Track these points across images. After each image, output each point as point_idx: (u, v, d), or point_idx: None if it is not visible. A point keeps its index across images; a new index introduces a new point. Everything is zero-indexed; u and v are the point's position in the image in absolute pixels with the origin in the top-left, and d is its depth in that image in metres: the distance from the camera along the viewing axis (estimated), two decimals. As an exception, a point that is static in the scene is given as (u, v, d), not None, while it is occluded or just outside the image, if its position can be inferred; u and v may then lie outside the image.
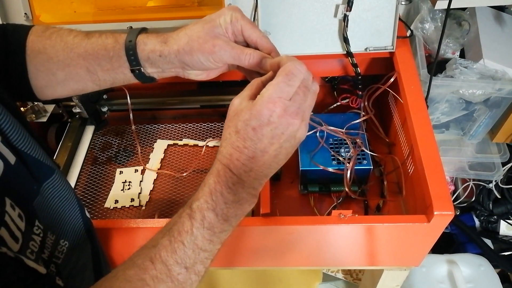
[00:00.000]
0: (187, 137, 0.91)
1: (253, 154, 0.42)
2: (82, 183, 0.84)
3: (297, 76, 0.42)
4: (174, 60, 0.51)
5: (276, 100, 0.41)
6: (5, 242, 0.35)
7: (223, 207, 0.42)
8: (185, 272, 0.41)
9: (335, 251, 0.75)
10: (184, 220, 0.41)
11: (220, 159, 0.43)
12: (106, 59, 0.52)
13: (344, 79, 0.94)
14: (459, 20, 0.88)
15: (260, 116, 0.41)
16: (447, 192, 0.61)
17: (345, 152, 0.78)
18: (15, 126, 0.42)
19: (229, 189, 0.42)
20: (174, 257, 0.40)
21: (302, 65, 0.43)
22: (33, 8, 0.83)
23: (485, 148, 0.99)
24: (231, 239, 0.67)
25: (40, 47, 0.52)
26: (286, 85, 0.42)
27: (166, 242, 0.41)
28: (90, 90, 0.56)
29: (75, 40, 0.53)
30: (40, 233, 0.42)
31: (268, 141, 0.42)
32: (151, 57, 0.51)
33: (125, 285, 0.38)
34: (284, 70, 0.43)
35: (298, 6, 0.74)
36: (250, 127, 0.41)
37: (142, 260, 0.40)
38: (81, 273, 0.51)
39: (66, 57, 0.52)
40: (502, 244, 1.17)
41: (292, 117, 0.42)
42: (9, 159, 0.40)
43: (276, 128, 0.41)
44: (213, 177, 0.43)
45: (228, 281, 1.34)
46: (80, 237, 0.51)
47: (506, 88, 0.80)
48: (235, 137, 0.42)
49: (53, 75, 0.53)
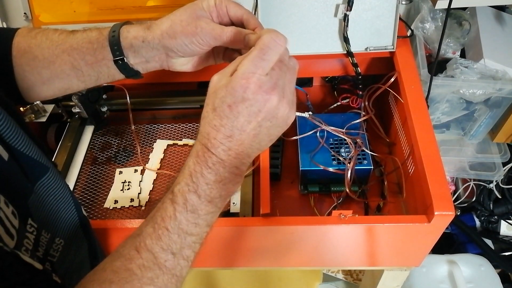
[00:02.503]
0: (187, 137, 0.90)
1: (230, 133, 0.40)
2: (82, 183, 0.84)
3: (273, 49, 0.40)
4: (158, 45, 0.50)
5: (249, 76, 0.39)
6: (1, 238, 0.35)
7: (205, 188, 0.41)
8: (173, 258, 0.40)
9: (335, 252, 0.75)
10: (167, 206, 0.40)
11: (199, 139, 0.41)
12: (90, 52, 0.51)
13: (344, 79, 0.94)
14: (459, 20, 0.88)
15: (234, 92, 0.39)
16: (447, 192, 0.61)
17: (346, 152, 0.78)
18: (9, 124, 0.42)
19: (209, 169, 0.40)
20: (160, 244, 0.39)
21: (280, 37, 0.41)
22: (33, 8, 0.83)
23: (486, 148, 0.99)
24: (231, 239, 0.67)
25: (26, 47, 0.52)
26: (260, 59, 0.39)
27: (150, 230, 0.40)
28: (75, 88, 0.55)
29: (60, 37, 0.52)
30: (34, 231, 0.42)
31: (245, 119, 0.40)
32: (134, 44, 0.50)
33: (113, 277, 0.37)
34: (259, 44, 0.40)
35: (298, 6, 0.73)
36: (226, 104, 0.39)
37: (128, 250, 0.39)
38: (77, 271, 0.50)
39: (51, 54, 0.51)
40: (502, 244, 1.17)
41: (267, 92, 0.39)
42: (3, 156, 0.40)
43: (251, 105, 0.39)
44: (192, 158, 0.41)
45: (228, 281, 1.34)
46: (76, 235, 0.51)
47: (507, 88, 0.80)
48: (212, 115, 0.40)
49: (39, 74, 0.52)
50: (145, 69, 0.54)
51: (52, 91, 0.55)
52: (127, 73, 0.53)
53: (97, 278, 0.38)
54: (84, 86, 0.54)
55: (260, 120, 0.40)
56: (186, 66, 0.54)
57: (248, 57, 0.40)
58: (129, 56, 0.51)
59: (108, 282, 0.37)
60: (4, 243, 0.35)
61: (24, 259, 0.35)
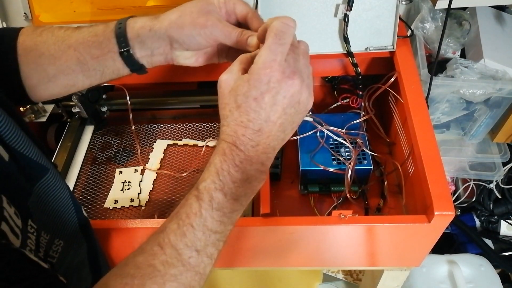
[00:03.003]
0: (187, 137, 0.90)
1: (259, 127, 0.40)
2: (82, 183, 0.84)
3: (286, 32, 0.40)
4: (164, 35, 0.50)
5: (272, 64, 0.39)
6: (7, 237, 0.35)
7: (232, 186, 0.41)
8: (197, 255, 0.39)
9: (335, 252, 0.75)
10: (192, 202, 0.40)
11: (224, 138, 0.41)
12: (96, 45, 0.51)
13: (344, 79, 0.94)
14: (459, 20, 0.88)
15: (260, 84, 0.39)
16: (447, 192, 0.61)
17: (346, 152, 0.78)
18: (9, 125, 0.42)
19: (236, 167, 0.40)
20: (184, 241, 0.39)
21: (289, 20, 0.41)
22: (33, 8, 0.83)
23: (486, 148, 0.99)
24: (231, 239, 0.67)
25: (32, 44, 0.52)
26: (278, 45, 0.40)
27: (174, 226, 0.39)
28: (80, 85, 0.55)
29: (66, 33, 0.52)
30: (34, 232, 0.42)
31: (271, 108, 0.40)
32: (141, 34, 0.50)
33: (135, 272, 0.37)
34: (272, 30, 0.40)
35: (298, 6, 0.73)
36: (251, 98, 0.40)
37: (151, 246, 0.39)
38: (76, 272, 0.50)
39: (57, 50, 0.51)
40: (502, 244, 1.17)
41: (290, 77, 0.40)
42: (3, 157, 0.40)
43: (277, 93, 0.40)
44: (218, 156, 0.41)
45: (228, 281, 1.34)
46: (75, 236, 0.51)
47: (507, 88, 0.80)
48: (236, 112, 0.40)
49: (44, 71, 0.52)
50: (150, 63, 0.53)
51: (58, 89, 0.55)
52: (132, 66, 0.53)
53: (120, 273, 0.38)
54: (89, 82, 0.54)
55: (285, 107, 0.41)
56: (190, 60, 0.54)
57: (265, 46, 0.40)
58: (135, 47, 0.51)
59: (130, 277, 0.37)
60: (10, 242, 0.35)
61: (30, 257, 0.35)
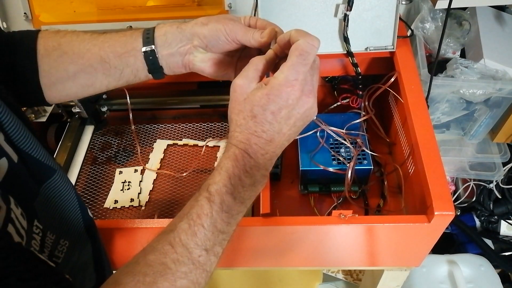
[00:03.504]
0: (187, 137, 0.90)
1: (271, 138, 0.43)
2: (82, 183, 0.84)
3: (311, 53, 0.42)
4: (189, 33, 0.52)
5: (294, 83, 0.41)
6: (13, 239, 0.36)
7: (241, 190, 0.43)
8: (206, 254, 0.41)
9: (335, 251, 0.75)
10: (203, 204, 0.42)
11: (236, 144, 0.43)
12: (121, 44, 0.53)
13: (344, 78, 0.94)
14: (459, 20, 0.88)
15: (279, 100, 0.41)
16: (447, 192, 0.61)
17: (346, 152, 0.78)
18: (18, 126, 0.42)
19: (246, 173, 0.43)
20: (195, 240, 0.41)
21: (314, 41, 0.42)
22: (33, 7, 0.83)
23: (486, 148, 0.99)
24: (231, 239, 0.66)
25: (55, 45, 0.53)
26: (301, 65, 0.42)
27: (185, 226, 0.41)
28: (98, 85, 0.55)
29: (92, 36, 0.54)
30: (39, 233, 0.42)
31: (285, 121, 0.43)
32: (167, 31, 0.52)
33: (147, 270, 0.39)
34: (297, 49, 0.42)
35: (298, 6, 0.73)
36: (269, 111, 0.42)
37: (162, 244, 0.40)
38: (81, 272, 0.51)
39: (82, 49, 0.53)
40: (502, 244, 1.17)
41: (307, 96, 0.42)
42: (13, 158, 0.41)
43: (293, 109, 0.42)
44: (230, 161, 0.43)
45: (228, 281, 1.34)
46: (80, 236, 0.51)
47: (507, 88, 0.80)
48: (251, 122, 0.42)
49: (65, 69, 0.53)
50: (168, 64, 0.54)
51: (75, 88, 0.55)
52: (151, 65, 0.54)
53: (131, 271, 0.39)
54: (106, 83, 0.55)
55: (296, 121, 0.43)
56: (206, 64, 0.55)
57: (289, 64, 0.42)
58: (158, 45, 0.52)
59: (142, 275, 0.38)
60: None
61: (39, 256, 0.36)
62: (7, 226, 0.35)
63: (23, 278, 0.32)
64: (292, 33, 0.44)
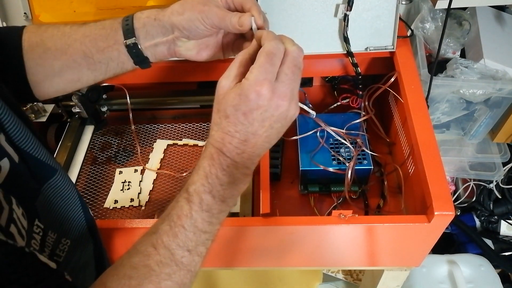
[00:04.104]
0: (187, 137, 0.90)
1: (245, 137, 0.42)
2: (82, 183, 0.84)
3: (277, 55, 0.42)
4: (167, 24, 0.51)
5: (263, 83, 0.40)
6: (15, 239, 0.36)
7: (219, 188, 0.43)
8: (188, 254, 0.41)
9: (335, 251, 0.75)
10: (183, 204, 0.42)
11: (212, 143, 0.43)
12: (102, 38, 0.52)
13: (344, 78, 0.94)
14: (459, 20, 0.88)
15: (249, 100, 0.41)
16: (447, 192, 0.61)
17: (346, 152, 0.78)
18: (19, 126, 0.42)
19: (223, 171, 0.43)
20: (176, 241, 0.41)
21: (279, 44, 0.42)
22: (33, 7, 0.83)
23: (486, 148, 0.99)
24: (231, 239, 0.67)
25: (38, 40, 0.53)
26: (270, 65, 0.41)
27: (167, 228, 0.41)
28: (85, 80, 0.55)
29: (72, 28, 0.53)
30: (40, 232, 0.42)
31: (259, 124, 0.42)
32: (147, 23, 0.52)
33: (131, 272, 0.39)
34: (264, 51, 0.42)
35: (298, 6, 0.73)
36: (240, 112, 0.41)
37: (145, 246, 0.41)
38: (82, 271, 0.51)
39: (63, 44, 0.52)
40: (502, 244, 1.17)
41: (281, 98, 0.41)
42: (14, 158, 0.41)
43: (266, 111, 0.41)
44: (207, 160, 0.43)
45: (228, 281, 1.34)
46: (82, 235, 0.52)
47: (507, 88, 0.80)
48: (225, 122, 0.42)
49: (50, 66, 0.53)
50: (153, 54, 0.54)
51: (63, 84, 0.55)
52: (136, 57, 0.54)
53: (116, 274, 0.39)
54: (93, 77, 0.55)
55: (272, 123, 0.42)
56: (192, 52, 0.54)
57: (257, 65, 0.41)
58: (140, 38, 0.52)
59: (127, 278, 0.39)
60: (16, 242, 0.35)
61: (41, 259, 0.36)
62: (10, 226, 0.35)
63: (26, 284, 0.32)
64: (264, 33, 0.44)
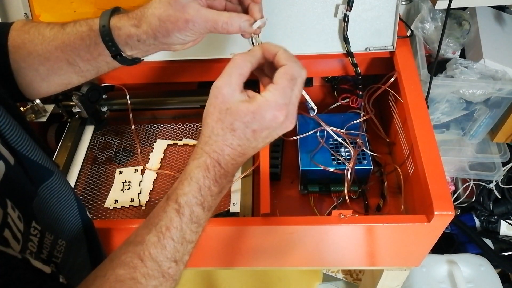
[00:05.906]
0: (187, 137, 0.90)
1: (244, 151, 0.43)
2: (82, 183, 0.84)
3: (298, 80, 0.43)
4: (154, 42, 0.50)
5: (282, 107, 0.41)
6: (9, 244, 0.35)
7: (210, 199, 0.43)
8: (175, 265, 0.41)
9: (335, 251, 0.75)
10: (172, 216, 0.41)
11: (209, 153, 0.42)
12: (83, 48, 0.50)
13: (344, 79, 0.94)
14: (459, 20, 0.88)
15: (264, 121, 0.41)
16: (447, 192, 0.61)
17: (345, 152, 0.78)
18: (14, 127, 0.42)
19: (216, 183, 0.43)
20: (164, 253, 0.41)
21: (302, 70, 0.43)
22: (33, 7, 0.83)
23: (486, 148, 0.99)
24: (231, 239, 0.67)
25: (20, 42, 0.51)
26: (290, 90, 0.42)
27: (154, 239, 0.41)
28: (76, 82, 0.54)
29: (51, 33, 0.51)
30: (37, 234, 0.42)
31: (262, 140, 0.43)
32: (130, 42, 0.50)
33: (116, 285, 0.38)
34: (287, 73, 0.42)
35: (298, 6, 0.73)
36: (250, 129, 0.41)
37: (131, 258, 0.40)
38: (79, 273, 0.50)
39: (44, 51, 0.51)
40: (502, 244, 1.17)
41: (290, 121, 0.42)
42: (9, 160, 0.40)
43: (274, 130, 0.42)
44: (201, 171, 0.42)
45: (228, 281, 1.34)
46: (76, 236, 0.51)
47: (507, 88, 0.80)
48: (229, 134, 0.42)
49: (36, 70, 0.52)
50: (144, 56, 0.54)
51: (53, 87, 0.54)
52: (127, 64, 0.53)
53: (100, 285, 0.38)
54: (85, 79, 0.54)
55: (271, 138, 0.44)
56: (187, 45, 0.53)
57: (279, 87, 0.41)
58: (126, 51, 0.51)
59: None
60: (12, 248, 0.35)
61: (34, 264, 0.35)
62: (3, 231, 0.35)
63: None
64: (280, 53, 0.43)
